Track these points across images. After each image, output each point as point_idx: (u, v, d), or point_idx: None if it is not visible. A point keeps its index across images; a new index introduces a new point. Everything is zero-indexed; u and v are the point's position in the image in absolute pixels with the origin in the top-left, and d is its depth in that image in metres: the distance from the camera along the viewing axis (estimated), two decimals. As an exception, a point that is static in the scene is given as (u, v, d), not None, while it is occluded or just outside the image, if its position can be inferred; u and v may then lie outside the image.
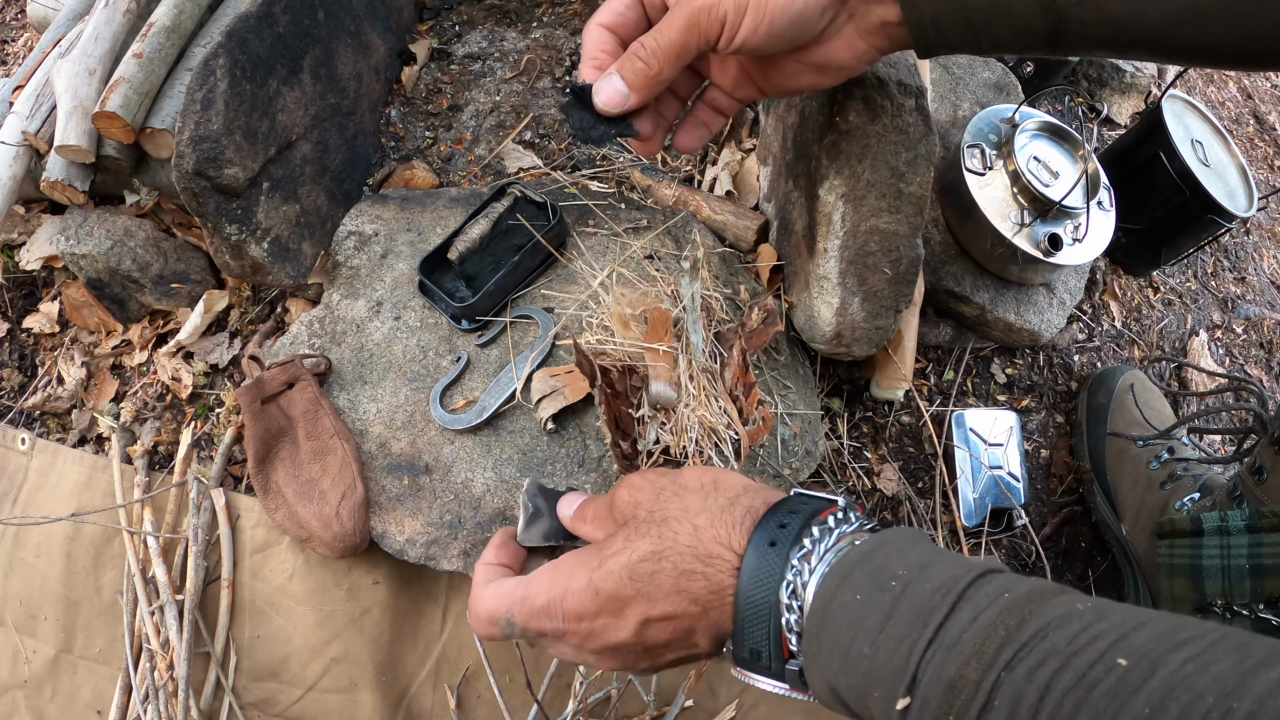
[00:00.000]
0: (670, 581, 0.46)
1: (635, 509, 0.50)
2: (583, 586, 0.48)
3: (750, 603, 0.44)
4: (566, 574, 0.49)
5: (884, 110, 0.79)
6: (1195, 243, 1.20)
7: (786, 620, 0.44)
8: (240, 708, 0.95)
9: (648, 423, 0.87)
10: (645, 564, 0.46)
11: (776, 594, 0.44)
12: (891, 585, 0.39)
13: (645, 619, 0.47)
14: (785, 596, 0.44)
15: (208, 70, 0.88)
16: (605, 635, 0.48)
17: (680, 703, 0.94)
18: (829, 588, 0.42)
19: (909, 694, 0.36)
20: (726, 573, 0.46)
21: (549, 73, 1.27)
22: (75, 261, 1.06)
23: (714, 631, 0.48)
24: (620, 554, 0.47)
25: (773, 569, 0.44)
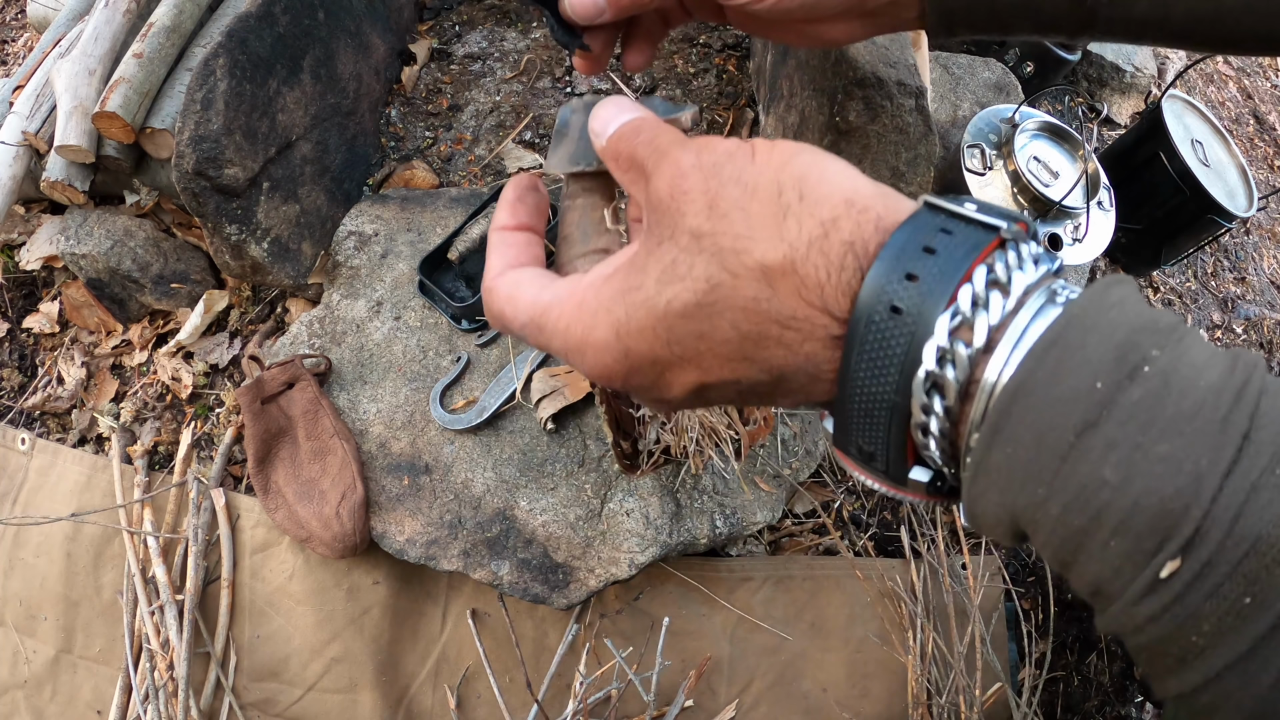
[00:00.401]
0: (727, 348, 0.31)
1: (677, 210, 0.32)
2: (605, 343, 0.33)
3: (864, 396, 0.29)
4: (588, 315, 0.34)
5: (884, 110, 0.79)
6: (1195, 243, 1.20)
7: (924, 423, 0.29)
8: (240, 708, 0.95)
9: (648, 423, 0.87)
10: (687, 323, 0.31)
11: (908, 386, 0.28)
12: (1144, 372, 0.24)
13: (699, 385, 0.33)
14: (923, 392, 0.28)
15: (208, 70, 0.88)
16: (650, 393, 0.35)
17: (680, 703, 0.94)
18: (1030, 370, 0.26)
19: (1182, 554, 0.23)
20: (820, 343, 0.30)
21: (549, 73, 1.27)
22: (75, 261, 1.06)
23: (804, 397, 0.33)
24: (652, 298, 0.32)
25: (897, 347, 0.27)
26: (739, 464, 0.85)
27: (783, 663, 0.97)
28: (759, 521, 0.92)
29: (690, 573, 0.98)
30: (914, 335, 0.27)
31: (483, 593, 0.98)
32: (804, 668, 0.97)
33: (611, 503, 0.91)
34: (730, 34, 1.31)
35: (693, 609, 0.98)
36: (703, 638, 0.97)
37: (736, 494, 0.93)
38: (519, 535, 0.90)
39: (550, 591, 0.88)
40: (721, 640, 0.97)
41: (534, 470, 0.93)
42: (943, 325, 0.27)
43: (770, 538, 1.03)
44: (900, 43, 0.82)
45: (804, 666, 0.97)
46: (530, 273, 0.39)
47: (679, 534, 0.90)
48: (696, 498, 0.92)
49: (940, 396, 0.28)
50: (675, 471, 0.93)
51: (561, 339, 0.35)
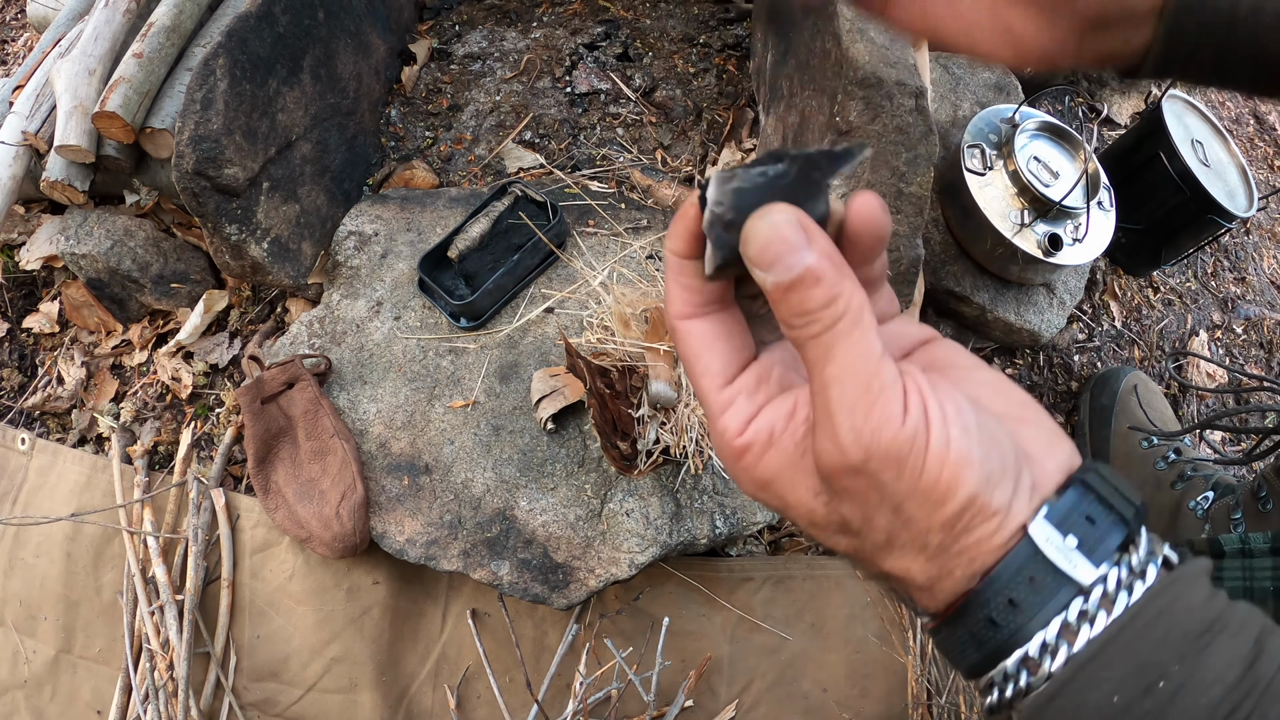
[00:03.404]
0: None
1: (832, 489, 0.33)
2: (796, 516, 0.35)
3: (954, 653, 0.34)
4: (782, 488, 0.34)
5: (884, 110, 0.79)
6: (1195, 243, 1.20)
7: (989, 683, 0.33)
8: (240, 708, 0.95)
9: (648, 423, 0.87)
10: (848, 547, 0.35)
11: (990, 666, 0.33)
12: (1159, 687, 0.29)
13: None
14: (999, 676, 0.33)
15: (208, 70, 0.88)
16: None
17: (680, 703, 0.94)
18: (1064, 681, 0.31)
19: None
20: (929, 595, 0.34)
21: (549, 73, 1.27)
22: (75, 261, 1.06)
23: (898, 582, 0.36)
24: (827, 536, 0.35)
25: (995, 641, 0.32)
26: (739, 464, 0.85)
27: (783, 663, 0.97)
28: (759, 521, 0.92)
29: (690, 573, 0.98)
30: (1009, 640, 0.31)
31: (483, 593, 0.98)
32: (804, 668, 0.97)
33: (611, 503, 0.91)
34: (730, 34, 1.31)
35: (693, 609, 0.98)
36: (703, 638, 0.97)
37: (736, 494, 0.93)
38: (519, 535, 0.90)
39: (550, 591, 0.88)
40: (721, 640, 0.97)
41: (534, 470, 0.93)
42: (1034, 645, 0.31)
43: (770, 538, 1.03)
44: (900, 43, 0.82)
45: (804, 666, 0.97)
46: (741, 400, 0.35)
47: (679, 534, 0.90)
48: (696, 498, 0.92)
49: (1010, 684, 0.32)
50: (675, 471, 0.93)
51: (750, 485, 0.35)
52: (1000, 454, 0.31)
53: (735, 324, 0.35)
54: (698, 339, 0.34)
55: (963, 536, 0.31)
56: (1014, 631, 0.31)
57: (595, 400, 0.87)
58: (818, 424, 0.31)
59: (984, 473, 0.30)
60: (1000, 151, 1.07)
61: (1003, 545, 0.31)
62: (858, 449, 0.30)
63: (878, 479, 0.30)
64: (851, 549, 0.34)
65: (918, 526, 0.31)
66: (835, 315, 0.30)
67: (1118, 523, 0.31)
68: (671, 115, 1.23)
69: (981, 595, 0.31)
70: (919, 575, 0.32)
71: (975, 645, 0.32)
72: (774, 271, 0.30)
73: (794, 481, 0.33)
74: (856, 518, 0.32)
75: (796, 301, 0.30)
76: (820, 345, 0.30)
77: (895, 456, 0.29)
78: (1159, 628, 0.30)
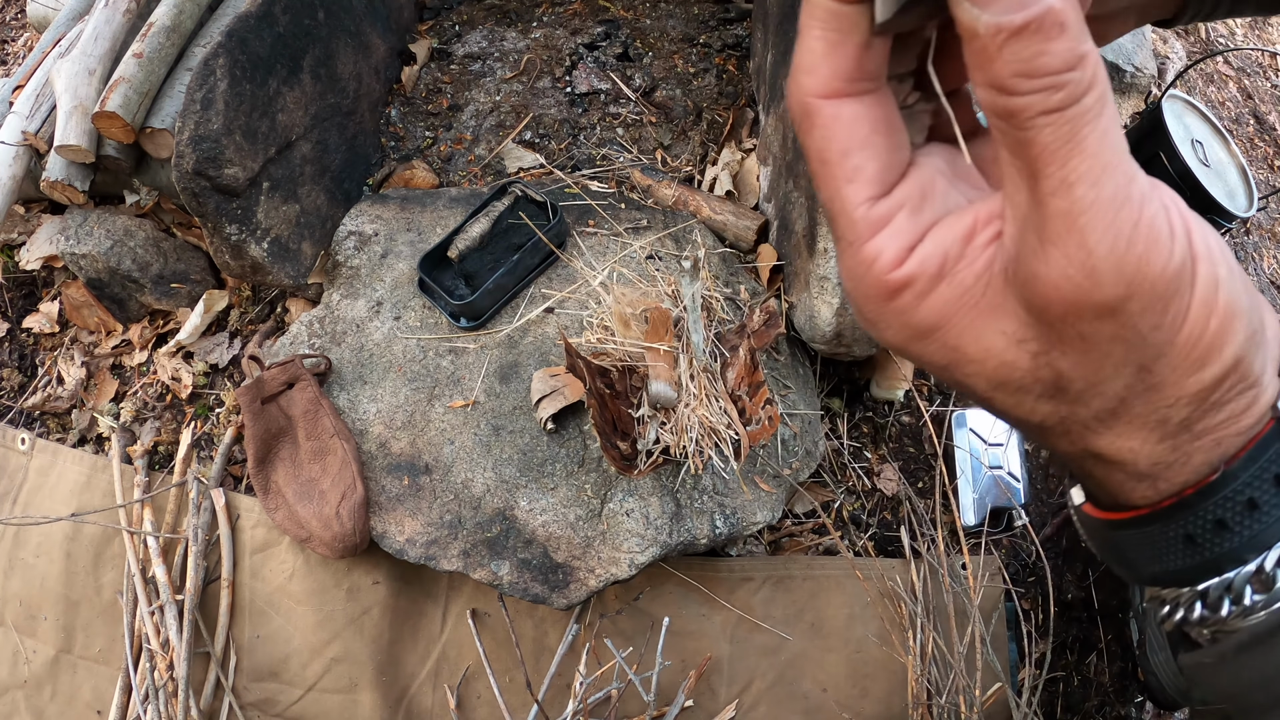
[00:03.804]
0: None
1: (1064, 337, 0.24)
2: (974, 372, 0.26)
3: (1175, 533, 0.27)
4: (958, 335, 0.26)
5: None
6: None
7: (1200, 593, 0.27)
8: (240, 708, 0.95)
9: (648, 423, 0.87)
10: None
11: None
12: None
13: None
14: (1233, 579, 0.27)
15: (208, 70, 0.88)
16: None
17: (680, 703, 0.94)
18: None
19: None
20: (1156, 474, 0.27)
21: (549, 73, 1.27)
22: (75, 261, 1.06)
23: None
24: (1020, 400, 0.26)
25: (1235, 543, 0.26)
26: (739, 464, 0.85)
27: (783, 663, 0.97)
28: (759, 521, 0.92)
29: (690, 573, 0.98)
30: (1239, 548, 0.26)
31: (483, 593, 0.98)
32: (804, 668, 0.97)
33: (611, 503, 0.91)
34: (730, 34, 1.31)
35: (693, 609, 0.98)
36: (703, 638, 0.97)
37: (736, 494, 0.93)
38: (519, 535, 0.90)
39: (550, 591, 0.88)
40: (721, 640, 0.97)
41: (534, 470, 0.93)
42: (1271, 558, 0.26)
43: (770, 538, 1.03)
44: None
45: (804, 666, 0.97)
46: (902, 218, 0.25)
47: (679, 534, 0.90)
48: (696, 498, 0.92)
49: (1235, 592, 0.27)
50: (675, 471, 0.93)
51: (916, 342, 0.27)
52: (1257, 306, 0.24)
53: (895, 113, 0.25)
54: (848, 128, 0.24)
55: (1212, 412, 0.25)
56: (1247, 540, 0.25)
57: (595, 400, 0.87)
58: (1050, 241, 0.22)
59: (1250, 330, 0.24)
60: (1000, 151, 1.07)
61: (1252, 428, 0.25)
62: (1118, 280, 0.21)
63: (1133, 325, 0.22)
64: (1055, 419, 0.26)
65: (1165, 393, 0.24)
66: (1083, 84, 0.21)
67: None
68: (671, 115, 1.23)
69: (1216, 491, 0.25)
70: (1144, 459, 0.25)
71: (1188, 548, 0.26)
72: (999, 6, 0.20)
73: (977, 326, 0.24)
74: (1082, 376, 0.24)
75: (1028, 55, 0.20)
76: (1061, 127, 0.21)
77: (1162, 295, 0.22)
78: None
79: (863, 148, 0.24)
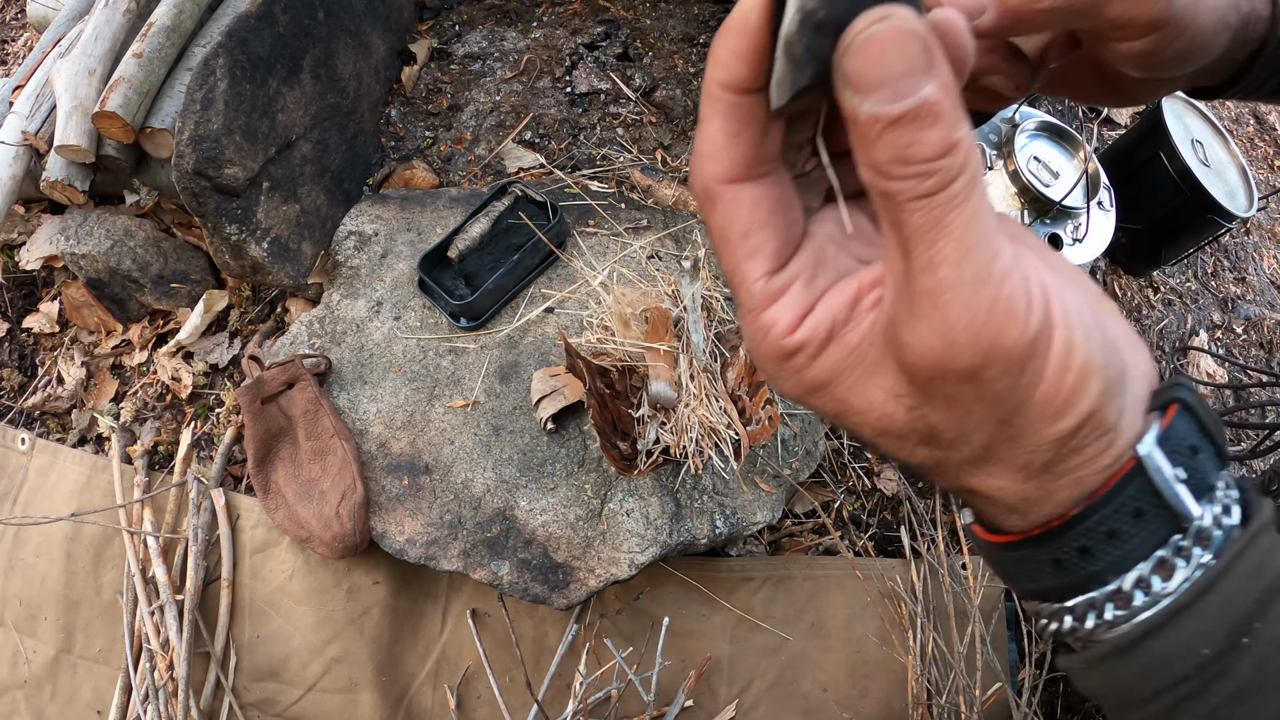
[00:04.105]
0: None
1: (930, 395, 0.27)
2: (860, 422, 0.30)
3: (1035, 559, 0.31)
4: (845, 390, 0.29)
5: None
6: (1195, 243, 1.20)
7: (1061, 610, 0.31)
8: (240, 708, 0.95)
9: (648, 423, 0.87)
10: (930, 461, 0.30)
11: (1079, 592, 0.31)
12: (1243, 643, 0.28)
13: None
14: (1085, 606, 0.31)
15: (208, 70, 0.88)
16: None
17: (680, 703, 0.94)
18: (1157, 623, 0.29)
19: None
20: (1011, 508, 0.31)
21: (549, 72, 1.27)
22: (75, 261, 1.06)
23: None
24: (902, 447, 0.29)
25: (1082, 572, 0.30)
26: (739, 464, 0.85)
27: (783, 663, 0.97)
28: (759, 521, 0.92)
29: (690, 573, 0.98)
30: (1101, 571, 0.29)
31: (483, 593, 0.98)
32: (804, 668, 0.97)
33: (611, 503, 0.91)
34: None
35: (693, 609, 0.98)
36: (703, 638, 0.97)
37: (736, 494, 0.93)
38: (519, 535, 0.90)
39: (550, 591, 0.88)
40: (721, 640, 0.97)
41: (534, 470, 0.93)
42: (1129, 579, 0.29)
43: (770, 538, 1.03)
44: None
45: (804, 666, 0.97)
46: (793, 289, 0.28)
47: (679, 534, 0.90)
48: (696, 498, 0.92)
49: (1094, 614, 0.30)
50: (675, 471, 0.93)
51: (795, 388, 0.30)
52: (1116, 361, 0.27)
53: (790, 190, 0.28)
54: (749, 210, 0.27)
55: (1071, 456, 0.27)
56: (1109, 564, 0.28)
57: (595, 400, 0.87)
58: (917, 314, 0.24)
59: (1104, 384, 0.26)
60: (1000, 151, 1.07)
61: (1109, 468, 0.28)
62: (974, 351, 0.24)
63: (991, 387, 0.25)
64: (931, 462, 0.29)
65: (1025, 442, 0.27)
66: (951, 171, 0.23)
67: (1215, 455, 0.29)
68: (671, 115, 1.23)
69: (1081, 522, 0.28)
70: (1012, 495, 0.28)
71: (1058, 571, 0.29)
72: (878, 97, 0.22)
73: (862, 383, 0.27)
74: (950, 428, 0.27)
75: (903, 144, 0.22)
76: (929, 211, 0.23)
77: (1017, 361, 0.24)
78: (1249, 579, 0.28)
79: (762, 228, 0.27)
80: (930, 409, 0.26)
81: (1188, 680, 0.28)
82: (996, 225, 0.24)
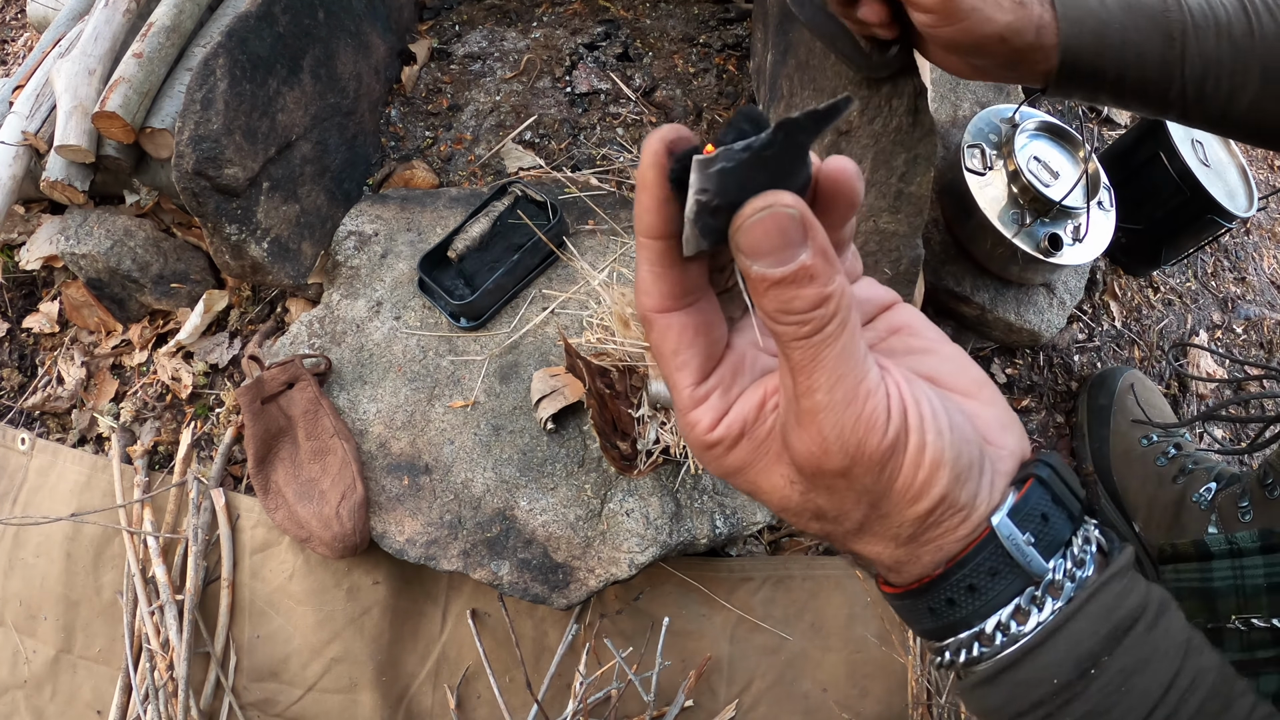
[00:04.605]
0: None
1: (812, 480, 0.34)
2: (768, 499, 0.36)
3: (915, 615, 0.38)
4: (755, 475, 0.35)
5: (883, 110, 0.79)
6: (1195, 243, 1.20)
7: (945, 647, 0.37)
8: (240, 708, 0.95)
9: (647, 423, 0.87)
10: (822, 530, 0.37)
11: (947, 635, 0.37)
12: (1091, 674, 0.34)
13: None
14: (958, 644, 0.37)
15: (208, 70, 0.88)
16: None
17: (680, 703, 0.94)
18: (1014, 659, 0.35)
19: None
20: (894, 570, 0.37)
21: (549, 73, 1.27)
22: (75, 261, 1.06)
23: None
24: (800, 520, 0.36)
25: (956, 617, 0.36)
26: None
27: (783, 663, 0.97)
28: (759, 521, 0.92)
29: (690, 573, 0.98)
30: (966, 618, 0.35)
31: (483, 593, 0.98)
32: (804, 668, 0.97)
33: (611, 503, 0.91)
34: (730, 34, 1.31)
35: (693, 609, 0.98)
36: (703, 638, 0.97)
37: (736, 494, 0.93)
38: (519, 535, 0.90)
39: (550, 591, 0.88)
40: (721, 640, 0.97)
41: (534, 470, 0.93)
42: (989, 624, 0.35)
43: (770, 538, 1.03)
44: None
45: (804, 666, 0.97)
46: (712, 399, 0.35)
47: (679, 534, 0.90)
48: (696, 498, 0.92)
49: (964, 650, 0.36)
50: (675, 471, 0.93)
51: (722, 468, 0.36)
52: (970, 452, 0.33)
53: (714, 313, 0.34)
54: (677, 334, 0.33)
55: (932, 529, 0.33)
56: (972, 612, 0.34)
57: (595, 400, 0.87)
58: (800, 423, 0.31)
59: (955, 473, 0.32)
60: (1000, 151, 1.07)
61: (967, 536, 0.34)
62: (842, 455, 0.30)
63: (859, 480, 0.31)
64: (824, 532, 0.35)
65: (891, 520, 0.33)
66: (824, 318, 0.29)
67: (1067, 520, 0.35)
68: (671, 115, 1.23)
69: (945, 580, 0.34)
70: (888, 559, 0.35)
71: (932, 617, 0.35)
72: (764, 263, 0.28)
73: (768, 470, 0.34)
74: (832, 508, 0.33)
75: (785, 298, 0.28)
76: (807, 349, 0.29)
77: (877, 462, 0.31)
78: (1097, 620, 0.34)
79: (689, 346, 0.33)
80: (816, 494, 0.33)
81: (1044, 704, 0.34)
82: (864, 355, 0.30)
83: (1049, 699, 0.34)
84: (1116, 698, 0.34)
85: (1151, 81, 0.62)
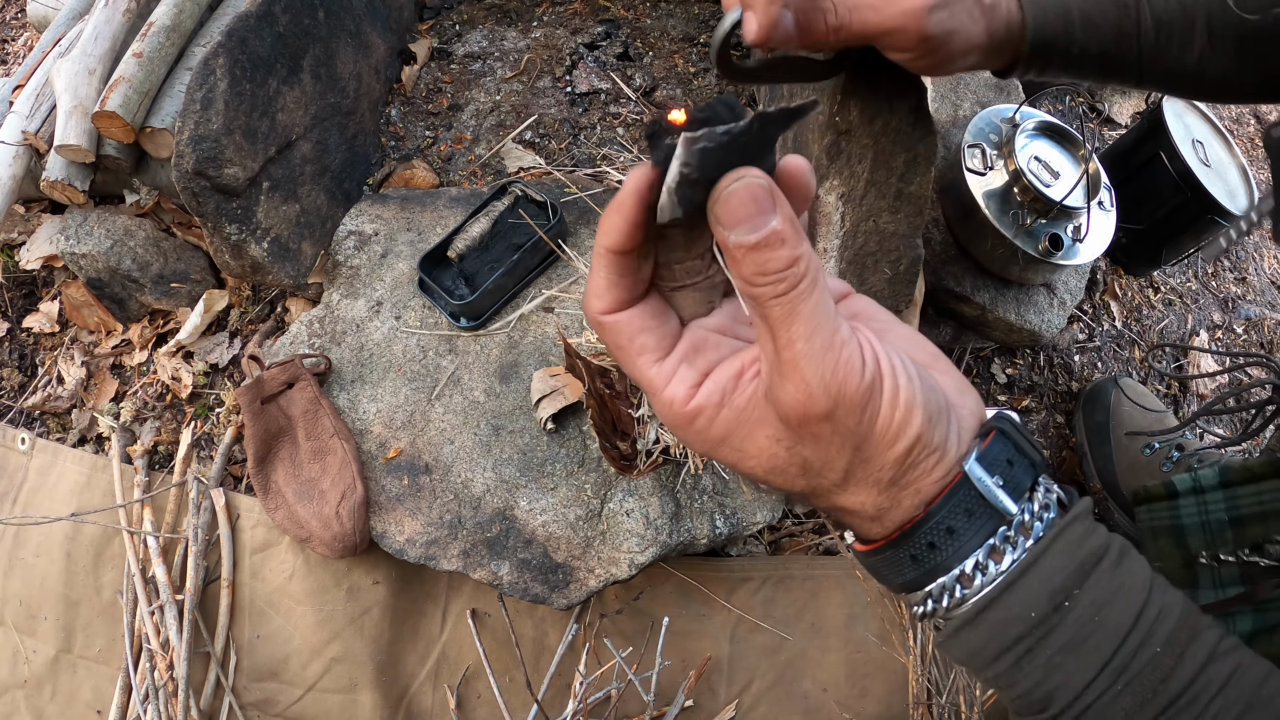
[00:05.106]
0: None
1: (799, 437, 0.36)
2: (754, 464, 0.38)
3: (896, 564, 0.39)
4: (740, 440, 0.37)
5: (883, 110, 0.79)
6: (1196, 243, 1.20)
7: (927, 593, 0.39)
8: (240, 708, 0.95)
9: (647, 423, 0.87)
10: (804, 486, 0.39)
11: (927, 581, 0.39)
12: (1064, 605, 0.36)
13: None
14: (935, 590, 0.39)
15: (208, 70, 0.88)
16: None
17: (680, 703, 0.94)
18: (991, 598, 0.38)
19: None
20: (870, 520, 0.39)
21: (549, 72, 1.27)
22: (75, 261, 1.06)
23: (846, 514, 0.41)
24: (786, 479, 0.38)
25: (933, 563, 0.38)
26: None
27: (783, 663, 0.97)
28: (759, 521, 0.92)
29: (690, 573, 0.98)
30: (946, 560, 0.37)
31: (483, 593, 0.98)
32: (804, 668, 0.97)
33: (611, 503, 0.91)
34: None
35: (693, 609, 0.98)
36: (703, 638, 0.97)
37: (736, 494, 0.93)
38: (519, 535, 0.90)
39: (550, 591, 0.88)
40: (721, 640, 0.97)
41: (534, 470, 0.93)
42: (969, 564, 0.37)
43: (770, 538, 1.03)
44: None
45: (804, 666, 0.97)
46: (678, 367, 0.37)
47: (679, 534, 0.90)
48: (696, 498, 0.92)
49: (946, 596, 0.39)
50: (675, 471, 0.93)
51: (700, 443, 0.39)
52: (936, 399, 0.36)
53: (663, 306, 0.38)
54: (629, 324, 0.36)
55: (910, 471, 0.36)
56: (951, 554, 0.37)
57: (595, 400, 0.87)
58: (784, 377, 0.33)
59: (927, 414, 0.35)
60: (1000, 151, 1.06)
61: (942, 479, 0.37)
62: (826, 398, 0.33)
63: (843, 424, 0.34)
64: (809, 488, 0.38)
65: (873, 464, 0.35)
66: (798, 275, 0.32)
67: (1029, 467, 0.38)
68: (671, 115, 1.23)
69: (925, 523, 0.37)
70: (871, 507, 0.37)
71: (914, 564, 0.38)
72: (740, 231, 0.32)
73: (751, 434, 0.36)
74: (818, 459, 0.36)
75: (760, 261, 0.32)
76: (784, 304, 0.32)
77: (858, 403, 0.33)
78: (1065, 556, 0.36)
79: (641, 331, 0.36)
80: (802, 446, 0.35)
81: (1023, 640, 0.36)
82: (834, 310, 0.33)
83: (1027, 634, 0.36)
84: (1091, 628, 0.36)
85: (1111, 52, 0.64)
